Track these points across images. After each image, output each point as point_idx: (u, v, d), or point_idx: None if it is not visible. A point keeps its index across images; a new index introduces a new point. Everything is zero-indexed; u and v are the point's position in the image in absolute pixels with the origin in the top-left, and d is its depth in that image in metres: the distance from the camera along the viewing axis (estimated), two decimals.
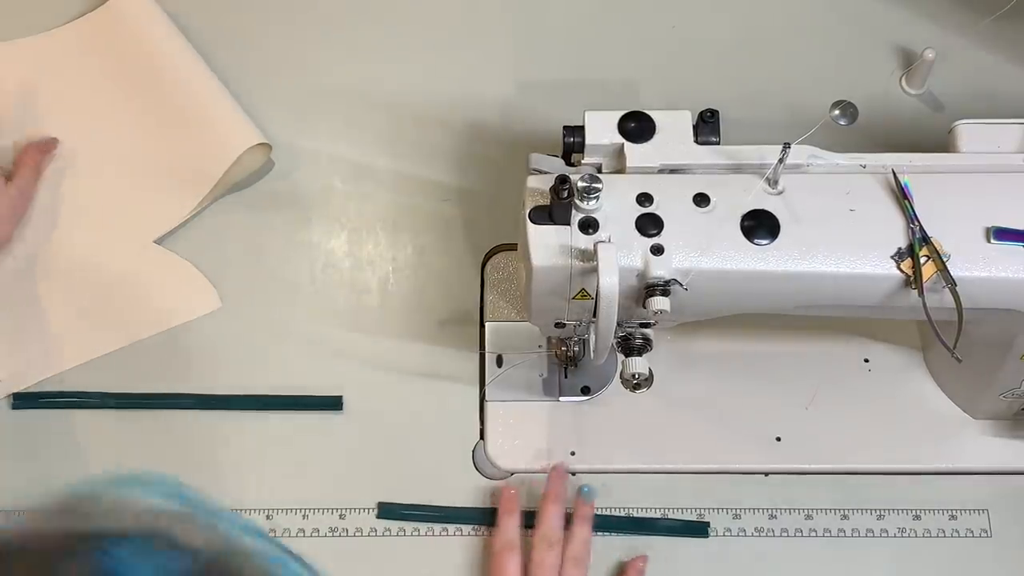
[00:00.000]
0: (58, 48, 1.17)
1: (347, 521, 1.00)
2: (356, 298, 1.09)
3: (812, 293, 0.87)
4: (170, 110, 1.13)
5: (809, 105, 1.02)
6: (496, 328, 1.06)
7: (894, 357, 1.05)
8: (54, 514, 0.49)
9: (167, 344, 1.06)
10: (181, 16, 1.17)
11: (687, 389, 1.04)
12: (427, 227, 1.11)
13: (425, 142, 1.14)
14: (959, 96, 1.15)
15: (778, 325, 1.05)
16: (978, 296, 0.84)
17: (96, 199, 1.11)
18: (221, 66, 1.15)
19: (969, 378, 1.00)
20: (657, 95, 1.15)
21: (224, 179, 1.10)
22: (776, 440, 1.02)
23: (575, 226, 0.84)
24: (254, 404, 1.04)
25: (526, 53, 1.19)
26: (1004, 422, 1.02)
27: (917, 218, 0.85)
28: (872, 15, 1.20)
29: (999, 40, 1.17)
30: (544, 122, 1.12)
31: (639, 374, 0.91)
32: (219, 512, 0.51)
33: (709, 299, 0.86)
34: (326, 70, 1.18)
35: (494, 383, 1.04)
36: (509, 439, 1.02)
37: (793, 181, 0.87)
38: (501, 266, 1.09)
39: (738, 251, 0.85)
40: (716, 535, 0.99)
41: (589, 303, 0.87)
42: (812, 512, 1.00)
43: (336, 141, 1.15)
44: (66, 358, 1.05)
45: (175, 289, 1.08)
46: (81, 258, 1.09)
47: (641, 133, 0.88)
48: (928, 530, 0.99)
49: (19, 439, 1.03)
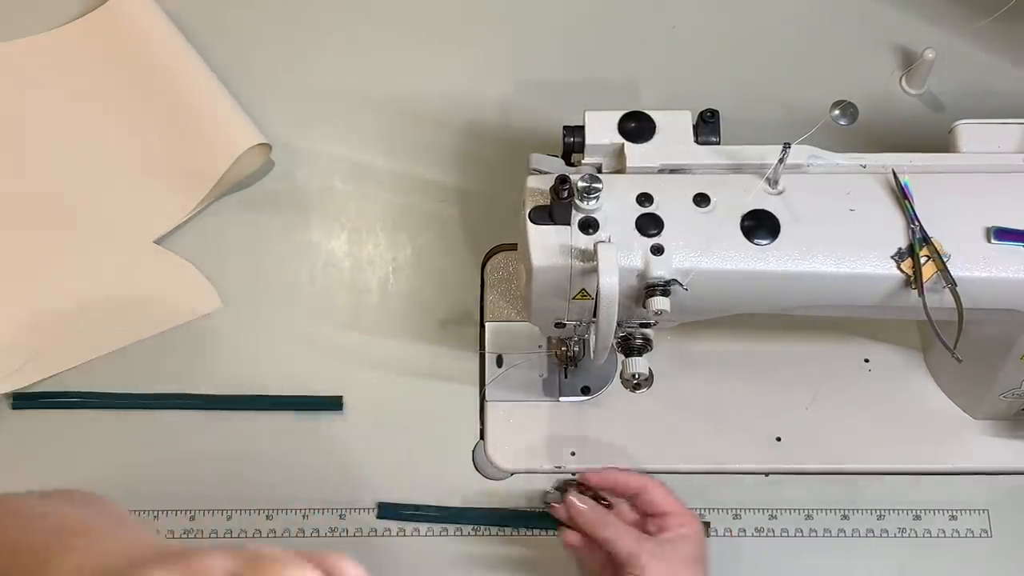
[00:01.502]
0: (58, 48, 1.17)
1: (347, 521, 1.00)
2: (356, 298, 1.09)
3: (812, 293, 0.87)
4: (170, 110, 1.13)
5: (809, 105, 1.02)
6: (496, 328, 1.06)
7: (894, 357, 1.05)
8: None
9: (167, 344, 1.06)
10: (181, 16, 1.17)
11: (687, 389, 1.04)
12: (427, 227, 1.11)
13: (425, 142, 1.15)
14: (959, 96, 1.15)
15: (778, 325, 1.05)
16: (978, 296, 0.84)
17: (96, 199, 1.11)
18: (221, 66, 1.15)
19: (969, 378, 1.00)
20: (657, 95, 1.16)
21: (224, 179, 1.10)
22: (776, 440, 1.02)
23: (575, 226, 0.84)
24: (254, 404, 1.04)
25: (526, 53, 1.19)
26: (1004, 422, 1.02)
27: (917, 218, 0.85)
28: (872, 15, 1.20)
29: (999, 40, 1.17)
30: (544, 122, 1.12)
31: (639, 374, 0.91)
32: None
33: (709, 299, 0.86)
34: (326, 70, 1.18)
35: (494, 383, 1.04)
36: (509, 439, 1.02)
37: (793, 181, 0.87)
38: (501, 266, 1.09)
39: (738, 251, 0.85)
40: (716, 535, 0.99)
41: (589, 303, 0.87)
42: (812, 512, 1.00)
43: (336, 141, 1.15)
44: (66, 358, 1.05)
45: (175, 289, 1.08)
46: (81, 258, 1.09)
47: (641, 133, 0.88)
48: (928, 530, 1.00)
49: (19, 439, 1.03)
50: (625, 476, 0.95)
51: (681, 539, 0.91)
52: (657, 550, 0.89)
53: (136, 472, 1.01)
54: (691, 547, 0.91)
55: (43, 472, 1.01)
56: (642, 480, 0.94)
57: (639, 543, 0.90)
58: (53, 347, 1.05)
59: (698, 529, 0.93)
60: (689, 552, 0.91)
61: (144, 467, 1.02)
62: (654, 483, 0.94)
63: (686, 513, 0.93)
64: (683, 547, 0.91)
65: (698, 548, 0.92)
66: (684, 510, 0.93)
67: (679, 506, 0.93)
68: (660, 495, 0.93)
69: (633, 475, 0.95)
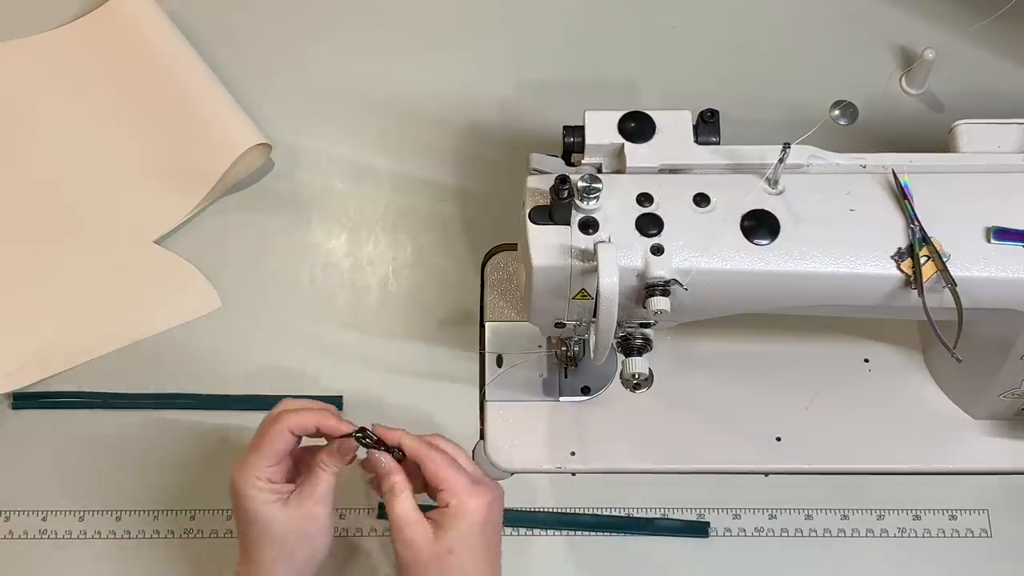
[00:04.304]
0: (58, 48, 1.18)
1: (347, 521, 1.00)
2: (356, 298, 1.09)
3: (812, 293, 0.87)
4: (170, 110, 1.13)
5: (809, 105, 1.03)
6: (496, 328, 1.06)
7: (894, 357, 1.05)
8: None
9: (167, 344, 1.06)
10: (181, 16, 1.18)
11: (687, 389, 1.04)
12: (427, 227, 1.11)
13: (425, 142, 1.15)
14: (959, 96, 1.16)
15: (778, 325, 1.05)
16: (978, 296, 0.84)
17: (96, 199, 1.11)
18: (221, 66, 1.15)
19: (969, 378, 1.00)
20: (657, 95, 1.16)
21: (224, 179, 1.10)
22: (776, 440, 1.02)
23: (575, 226, 0.84)
24: (254, 404, 1.04)
25: (526, 53, 1.19)
26: (1004, 422, 1.02)
27: (917, 218, 0.85)
28: (872, 15, 1.20)
29: (999, 40, 1.17)
30: (544, 122, 1.13)
31: (639, 374, 0.91)
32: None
33: (709, 299, 0.86)
34: (326, 70, 1.18)
35: (494, 383, 1.04)
36: (509, 439, 1.02)
37: (793, 181, 0.87)
38: (501, 266, 1.09)
39: (738, 251, 0.85)
40: (716, 535, 0.99)
41: (589, 303, 0.87)
42: (812, 512, 1.00)
43: (336, 141, 1.15)
44: (66, 358, 1.05)
45: (175, 289, 1.08)
46: (81, 258, 1.09)
47: (641, 133, 0.88)
48: (928, 530, 1.00)
49: (19, 439, 1.03)
50: (409, 441, 0.87)
51: (452, 517, 0.85)
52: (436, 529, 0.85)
53: (136, 472, 1.01)
54: (465, 526, 0.85)
55: (43, 472, 1.02)
56: (420, 450, 0.87)
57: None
58: (53, 347, 1.05)
59: (475, 507, 0.85)
60: (464, 530, 0.85)
61: (144, 467, 1.02)
62: (431, 456, 0.86)
63: (463, 490, 0.85)
64: (459, 525, 0.85)
65: (475, 527, 0.85)
66: (460, 486, 0.85)
67: (456, 481, 0.85)
68: (434, 469, 0.86)
69: (418, 444, 0.87)
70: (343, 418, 0.88)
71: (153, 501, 1.00)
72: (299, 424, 0.86)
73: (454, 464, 0.87)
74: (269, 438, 0.86)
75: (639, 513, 1.00)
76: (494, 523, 0.87)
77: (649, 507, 1.00)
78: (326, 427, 0.86)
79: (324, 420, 0.87)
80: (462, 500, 0.85)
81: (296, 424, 0.86)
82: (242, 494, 0.86)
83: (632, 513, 1.00)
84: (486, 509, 0.86)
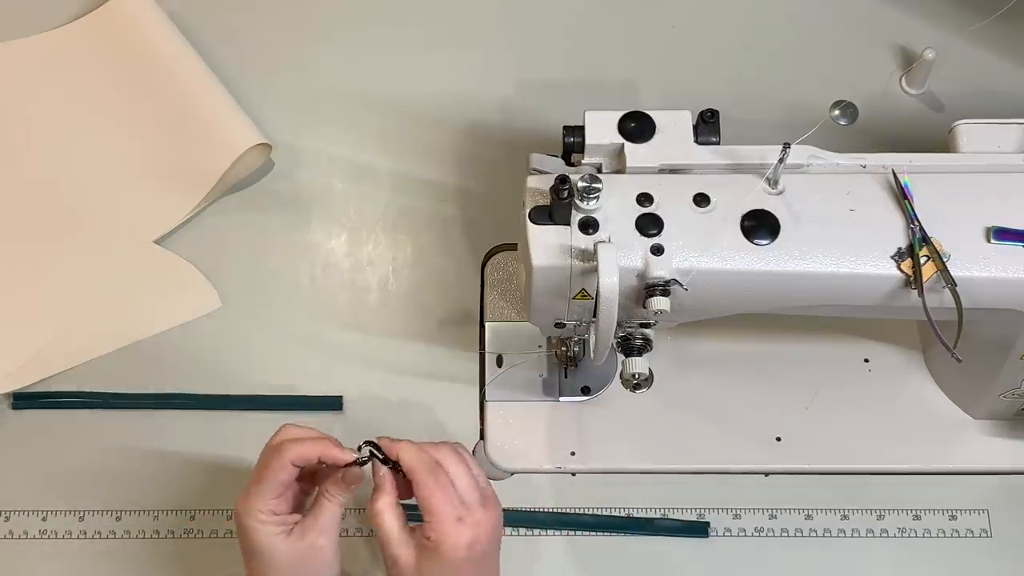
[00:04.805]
0: (58, 48, 1.18)
1: (346, 521, 1.00)
2: (356, 298, 1.09)
3: (812, 293, 0.87)
4: (170, 110, 1.13)
5: (809, 105, 1.02)
6: (496, 328, 1.06)
7: (894, 357, 1.05)
8: None
9: (167, 344, 1.06)
10: (181, 16, 1.18)
11: (687, 389, 1.04)
12: (427, 227, 1.11)
13: (425, 142, 1.15)
14: (959, 96, 1.16)
15: (778, 325, 1.05)
16: (978, 296, 0.84)
17: (96, 199, 1.11)
18: (221, 66, 1.15)
19: (969, 378, 1.00)
20: (657, 95, 1.16)
21: (224, 179, 1.10)
22: (776, 440, 1.02)
23: (575, 226, 0.84)
24: (254, 404, 1.04)
25: (526, 53, 1.19)
26: (1004, 422, 1.02)
27: (917, 218, 0.85)
28: (872, 15, 1.20)
29: (999, 40, 1.17)
30: (544, 122, 1.13)
31: (639, 374, 0.91)
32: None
33: (709, 299, 0.86)
34: (326, 70, 1.18)
35: (494, 383, 1.04)
36: (509, 439, 1.02)
37: (793, 181, 0.87)
38: (501, 266, 1.09)
39: (738, 251, 0.85)
40: (716, 535, 0.99)
41: (589, 303, 0.87)
42: (812, 512, 1.00)
43: (336, 141, 1.15)
44: (66, 358, 1.05)
45: (175, 289, 1.08)
46: (81, 258, 1.09)
47: (641, 133, 0.88)
48: (928, 530, 1.00)
49: (19, 439, 1.03)
50: (408, 457, 0.85)
51: (431, 551, 0.83)
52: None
53: (136, 472, 1.01)
54: (443, 564, 0.82)
55: (43, 472, 1.02)
56: (415, 473, 0.84)
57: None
58: (53, 347, 1.05)
59: (453, 545, 0.82)
60: (442, 567, 0.83)
61: (144, 467, 1.02)
62: (424, 481, 0.84)
63: (444, 524, 0.82)
64: (438, 559, 0.83)
65: (453, 564, 0.83)
66: (443, 518, 0.83)
67: (441, 513, 0.83)
68: (422, 495, 0.84)
69: (416, 462, 0.85)
70: (344, 446, 0.87)
71: (153, 501, 1.00)
72: (300, 456, 0.85)
73: (446, 490, 0.84)
74: (272, 471, 0.85)
75: (639, 513, 1.00)
76: (476, 559, 0.84)
77: (649, 507, 1.00)
78: (328, 457, 0.85)
79: (327, 450, 0.86)
80: (442, 537, 0.82)
81: (298, 456, 0.85)
82: (246, 526, 0.85)
83: (632, 513, 1.00)
84: (465, 549, 0.82)
